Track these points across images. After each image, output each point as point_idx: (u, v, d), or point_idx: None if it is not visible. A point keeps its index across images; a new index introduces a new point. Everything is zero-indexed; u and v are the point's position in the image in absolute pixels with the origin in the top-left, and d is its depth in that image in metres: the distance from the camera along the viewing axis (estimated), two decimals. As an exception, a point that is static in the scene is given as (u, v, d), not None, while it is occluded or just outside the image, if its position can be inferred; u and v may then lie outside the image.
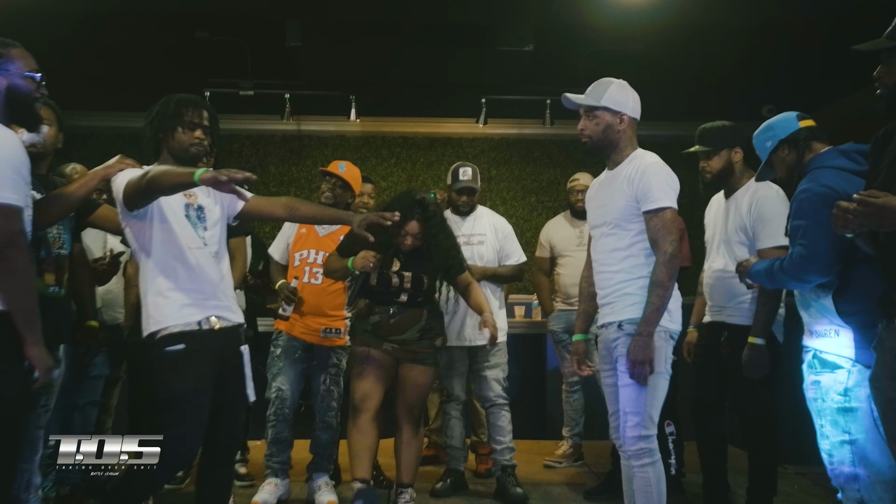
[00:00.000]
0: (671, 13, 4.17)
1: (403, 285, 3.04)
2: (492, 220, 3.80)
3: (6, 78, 2.04)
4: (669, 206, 2.42)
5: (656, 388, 2.42)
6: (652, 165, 2.48)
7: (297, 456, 3.52)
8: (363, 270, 2.95)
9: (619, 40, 4.48)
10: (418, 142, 6.11)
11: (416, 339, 3.08)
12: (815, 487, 3.79)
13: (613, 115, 2.52)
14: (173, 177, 2.08)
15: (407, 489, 3.13)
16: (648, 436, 2.42)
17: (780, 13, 4.20)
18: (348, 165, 3.58)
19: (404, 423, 3.15)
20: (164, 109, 2.35)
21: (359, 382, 3.05)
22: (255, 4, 4.34)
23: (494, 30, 4.57)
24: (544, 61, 4.75)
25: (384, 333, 3.06)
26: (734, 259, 2.83)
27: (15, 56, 2.07)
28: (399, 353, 3.07)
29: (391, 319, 3.05)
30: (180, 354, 2.20)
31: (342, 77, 5.16)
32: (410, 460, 3.14)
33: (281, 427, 3.37)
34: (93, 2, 4.17)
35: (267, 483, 3.38)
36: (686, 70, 4.89)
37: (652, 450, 2.42)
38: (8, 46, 2.07)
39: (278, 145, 5.93)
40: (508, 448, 3.56)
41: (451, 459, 3.67)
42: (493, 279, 3.69)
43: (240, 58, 4.95)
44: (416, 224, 3.04)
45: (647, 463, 2.42)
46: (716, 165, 2.96)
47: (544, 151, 5.94)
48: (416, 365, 3.10)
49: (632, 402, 2.42)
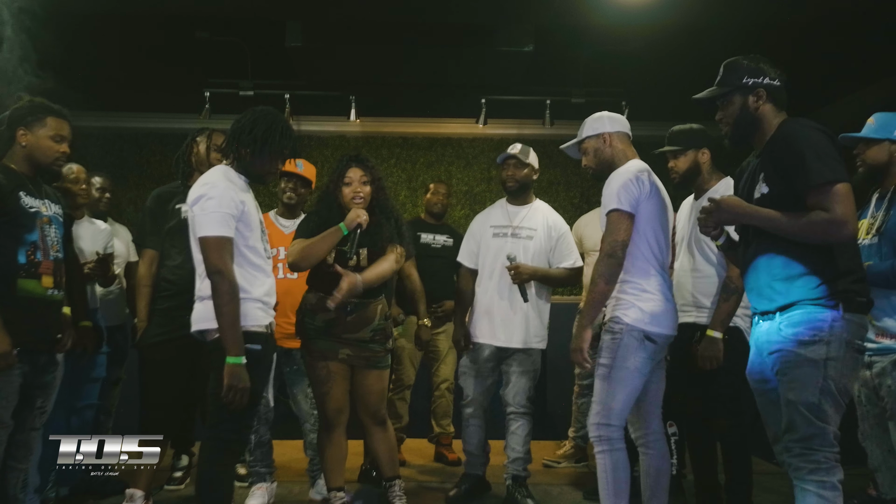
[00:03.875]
0: (671, 13, 4.17)
1: (360, 264, 2.93)
2: (547, 216, 3.52)
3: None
4: (616, 209, 2.57)
5: (620, 383, 2.56)
6: (615, 173, 2.66)
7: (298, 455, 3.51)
8: (357, 224, 2.88)
9: (619, 40, 4.47)
10: (418, 142, 6.10)
11: (368, 339, 2.97)
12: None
13: (596, 139, 2.78)
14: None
15: (395, 481, 3.12)
16: (607, 425, 2.56)
17: (780, 13, 4.19)
18: (305, 163, 3.58)
19: (371, 424, 3.09)
20: None
21: (329, 398, 2.98)
22: (255, 4, 4.34)
23: (494, 30, 4.56)
24: (544, 61, 4.75)
25: (339, 332, 2.94)
26: (704, 258, 2.98)
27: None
28: (353, 361, 2.98)
29: (348, 316, 2.93)
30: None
31: (342, 77, 5.16)
32: (389, 455, 3.13)
33: (263, 431, 3.36)
34: (93, 2, 4.16)
35: (256, 488, 3.36)
36: (686, 70, 4.88)
37: (611, 439, 2.56)
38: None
39: (278, 145, 5.92)
40: (523, 458, 3.43)
41: (468, 465, 3.55)
42: (543, 281, 3.43)
43: (240, 58, 4.94)
44: (355, 168, 2.98)
45: (603, 450, 2.58)
46: (682, 165, 3.09)
47: (544, 151, 5.89)
48: (370, 371, 3.01)
49: (597, 392, 2.61)
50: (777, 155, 2.12)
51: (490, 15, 4.42)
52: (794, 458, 2.05)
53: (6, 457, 2.50)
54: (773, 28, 4.37)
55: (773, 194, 2.11)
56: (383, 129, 6.04)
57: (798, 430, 2.04)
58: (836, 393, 2.03)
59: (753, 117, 2.23)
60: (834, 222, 1.98)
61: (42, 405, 2.62)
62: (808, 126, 2.11)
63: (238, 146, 2.42)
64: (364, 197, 2.98)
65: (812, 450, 2.02)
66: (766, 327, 2.16)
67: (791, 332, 2.06)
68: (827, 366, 2.02)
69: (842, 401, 2.05)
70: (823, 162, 2.01)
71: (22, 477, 2.59)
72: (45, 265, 2.52)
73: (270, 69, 5.11)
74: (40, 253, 2.51)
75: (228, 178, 2.39)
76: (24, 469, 2.60)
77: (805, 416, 2.02)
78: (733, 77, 2.25)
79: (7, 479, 2.55)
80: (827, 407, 2.02)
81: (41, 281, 2.50)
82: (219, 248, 2.27)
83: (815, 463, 2.02)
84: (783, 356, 2.08)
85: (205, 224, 2.29)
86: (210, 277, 2.28)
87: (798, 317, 2.06)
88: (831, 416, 2.02)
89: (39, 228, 2.52)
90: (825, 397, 2.01)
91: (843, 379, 2.04)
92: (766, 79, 2.24)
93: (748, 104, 2.22)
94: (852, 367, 2.08)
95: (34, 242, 2.49)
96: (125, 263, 3.73)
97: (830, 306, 2.04)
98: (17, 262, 2.46)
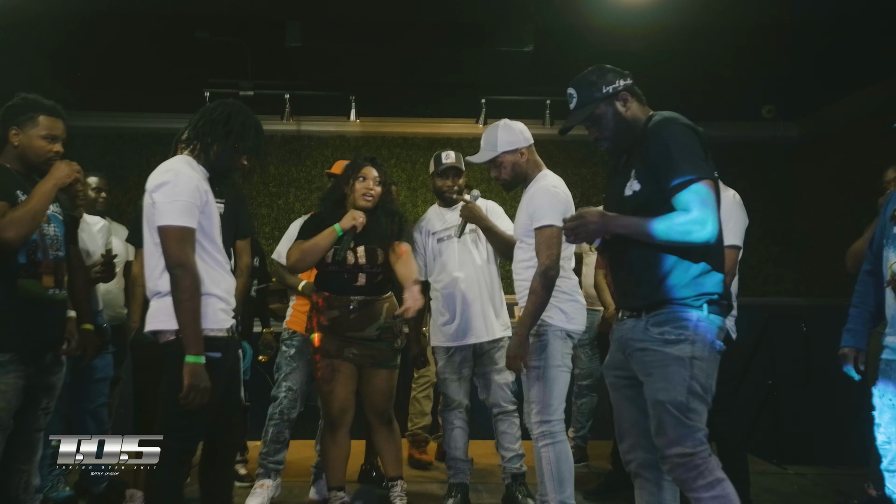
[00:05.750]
0: (671, 13, 4.17)
1: (358, 261, 2.98)
2: (485, 205, 3.41)
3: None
4: (550, 224, 2.68)
5: (554, 380, 2.75)
6: (539, 188, 2.82)
7: (298, 455, 3.51)
8: (352, 227, 2.96)
9: (619, 40, 4.47)
10: (418, 142, 6.10)
11: (375, 338, 3.00)
12: (815, 487, 3.79)
13: (513, 153, 2.89)
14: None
15: (397, 481, 3.15)
16: (548, 420, 2.74)
17: (779, 13, 4.20)
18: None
19: (378, 424, 3.13)
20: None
21: (333, 398, 2.99)
22: (255, 4, 4.34)
23: (494, 30, 4.57)
24: (544, 61, 4.75)
25: (343, 330, 2.97)
26: None
27: None
28: (360, 360, 3.00)
29: (351, 315, 2.98)
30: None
31: (342, 77, 5.16)
32: (394, 455, 3.17)
33: (283, 427, 3.36)
34: (93, 1, 4.16)
35: (259, 485, 3.36)
36: (686, 70, 4.89)
37: (553, 433, 2.73)
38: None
39: (278, 145, 5.93)
40: (518, 455, 3.40)
41: (456, 473, 3.41)
42: (488, 233, 3.28)
43: (240, 58, 4.95)
44: (371, 168, 3.07)
45: (547, 444, 2.74)
46: None
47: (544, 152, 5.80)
48: (378, 370, 3.03)
49: (533, 393, 2.76)
50: (647, 151, 2.09)
51: (490, 15, 4.42)
52: (677, 472, 2.02)
53: (9, 457, 2.49)
54: (773, 28, 4.38)
55: (645, 192, 2.08)
56: (383, 129, 6.04)
57: (667, 432, 2.01)
58: (701, 392, 2.02)
59: (629, 122, 2.17)
60: (694, 222, 1.96)
61: (47, 406, 2.60)
62: (674, 122, 2.08)
63: (209, 138, 2.30)
64: (373, 196, 3.05)
65: (688, 455, 1.99)
66: (632, 325, 2.13)
67: (657, 332, 2.05)
68: (693, 364, 2.00)
69: (707, 399, 2.04)
70: (686, 159, 1.99)
71: (24, 478, 2.57)
72: (45, 264, 2.51)
73: (270, 69, 5.11)
74: (40, 252, 2.50)
75: (192, 167, 2.27)
76: (28, 470, 2.58)
77: (674, 416, 1.99)
78: (591, 93, 2.19)
79: (9, 480, 2.53)
80: (694, 405, 2.00)
81: (41, 280, 2.49)
82: (181, 240, 2.12)
83: (696, 469, 1.99)
84: (649, 355, 2.06)
85: (167, 213, 2.13)
86: (171, 271, 2.12)
87: (664, 316, 2.05)
88: (699, 415, 2.01)
89: (38, 227, 2.51)
90: (692, 396, 2.00)
91: (708, 379, 2.03)
92: (621, 81, 2.20)
93: (619, 112, 2.17)
94: (714, 367, 2.06)
95: (34, 242, 2.48)
96: (124, 262, 3.72)
97: (695, 306, 2.03)
98: (16, 262, 2.45)
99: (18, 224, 2.37)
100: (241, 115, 2.35)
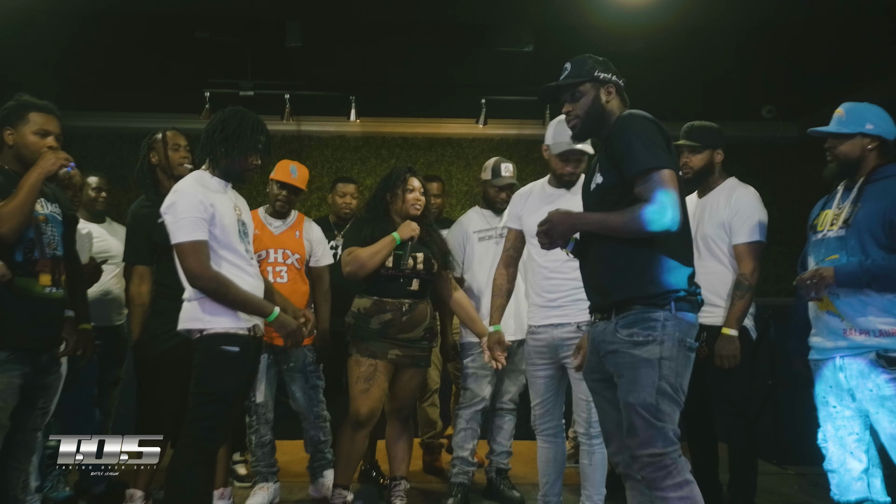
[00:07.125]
0: (671, 13, 4.17)
1: (416, 266, 3.07)
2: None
3: None
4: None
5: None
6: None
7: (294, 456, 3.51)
8: (411, 236, 3.07)
9: (619, 40, 4.47)
10: (418, 142, 6.11)
11: (420, 337, 3.10)
12: (815, 488, 3.79)
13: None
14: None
15: (400, 481, 3.19)
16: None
17: (779, 13, 4.19)
18: (298, 168, 3.53)
19: (395, 419, 3.22)
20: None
21: (365, 399, 3.01)
22: (255, 4, 4.34)
23: (494, 30, 4.56)
24: (544, 61, 4.74)
25: (394, 332, 3.05)
26: (712, 255, 2.97)
27: None
28: (401, 360, 3.08)
29: (404, 317, 3.05)
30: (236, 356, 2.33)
31: (342, 77, 5.16)
32: (403, 454, 3.23)
33: (264, 430, 3.36)
34: (92, 1, 4.16)
35: (259, 488, 3.36)
36: (686, 70, 4.89)
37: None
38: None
39: (278, 146, 5.90)
40: (507, 452, 3.54)
41: (459, 474, 3.44)
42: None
43: (240, 58, 4.94)
44: (413, 178, 3.15)
45: (601, 442, 2.76)
46: (698, 163, 3.06)
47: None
48: (412, 369, 3.13)
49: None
50: (610, 144, 2.12)
51: (490, 15, 4.42)
52: (646, 470, 2.02)
53: (7, 457, 2.50)
54: (773, 28, 4.38)
55: (608, 184, 2.11)
56: (383, 129, 6.04)
57: (638, 433, 2.01)
58: (671, 392, 2.02)
59: (604, 111, 2.19)
60: (654, 211, 1.96)
61: (44, 406, 2.60)
62: (638, 116, 2.10)
63: (212, 148, 2.42)
64: (421, 206, 3.16)
65: (658, 455, 2.00)
66: (602, 328, 2.14)
67: (626, 334, 2.05)
68: (661, 365, 2.00)
69: (679, 399, 2.04)
70: (648, 149, 2.01)
71: (23, 478, 2.57)
72: (42, 263, 2.51)
73: (270, 69, 5.11)
74: (37, 251, 2.50)
75: (201, 182, 2.38)
76: (26, 470, 2.59)
77: (644, 418, 2.00)
78: (585, 69, 2.21)
79: (8, 480, 2.54)
80: (664, 406, 2.00)
81: (38, 279, 2.49)
82: (194, 253, 2.27)
83: (665, 469, 1.99)
84: (619, 357, 2.06)
85: (175, 231, 2.30)
86: (193, 285, 2.30)
87: (632, 318, 2.05)
88: (669, 415, 2.01)
89: (35, 226, 2.51)
90: (661, 397, 2.00)
91: (678, 378, 2.03)
92: (615, 76, 2.23)
93: (600, 97, 2.20)
94: (685, 365, 2.06)
95: (31, 240, 2.49)
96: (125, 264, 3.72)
97: (662, 305, 2.03)
98: (13, 261, 2.45)
99: (9, 218, 2.39)
100: (235, 118, 2.44)
